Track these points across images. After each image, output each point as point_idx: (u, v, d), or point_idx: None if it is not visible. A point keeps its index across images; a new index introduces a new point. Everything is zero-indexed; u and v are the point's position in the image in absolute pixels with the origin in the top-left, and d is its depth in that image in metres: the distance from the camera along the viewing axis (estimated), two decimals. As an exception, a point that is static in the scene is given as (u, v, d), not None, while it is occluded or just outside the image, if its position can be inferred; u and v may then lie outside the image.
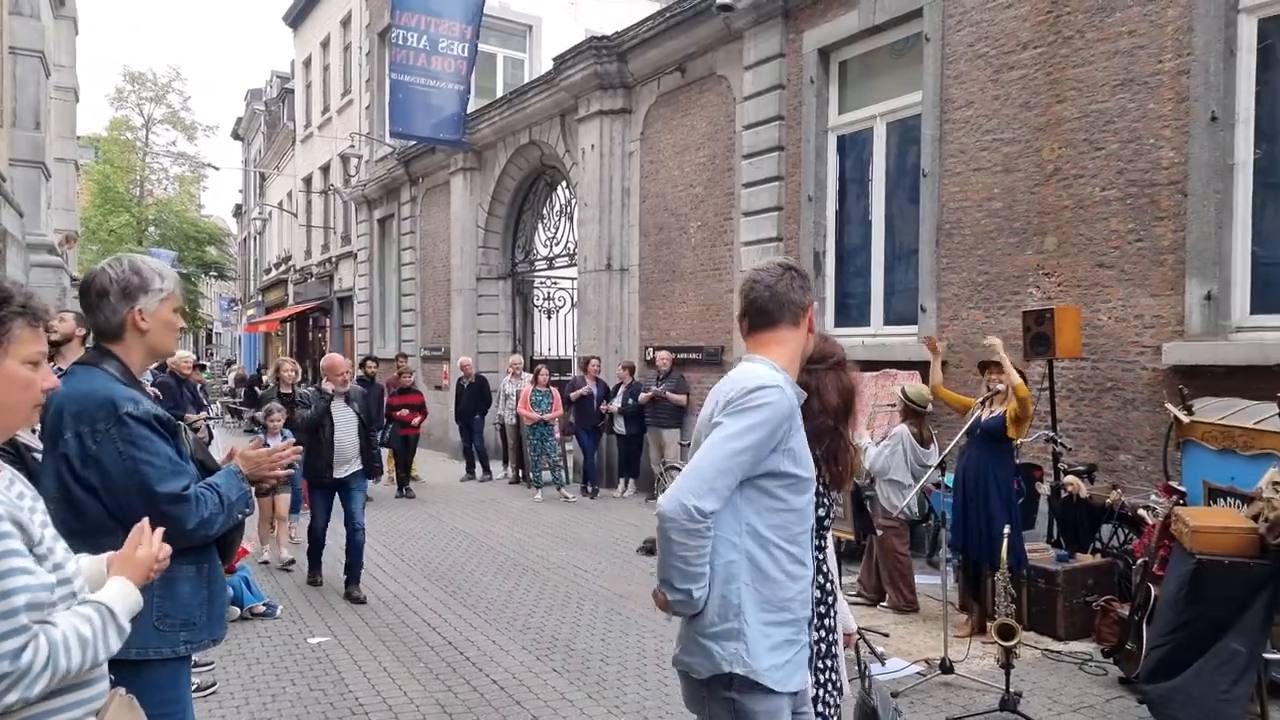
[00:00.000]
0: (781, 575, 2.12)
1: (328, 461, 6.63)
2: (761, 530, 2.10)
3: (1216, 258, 5.92)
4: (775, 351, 2.28)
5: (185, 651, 2.35)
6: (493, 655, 5.42)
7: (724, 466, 2.03)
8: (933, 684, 4.84)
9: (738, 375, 2.22)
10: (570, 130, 12.79)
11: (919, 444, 6.20)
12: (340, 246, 23.80)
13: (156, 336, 2.38)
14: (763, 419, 2.06)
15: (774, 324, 2.31)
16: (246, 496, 2.43)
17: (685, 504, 1.99)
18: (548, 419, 11.07)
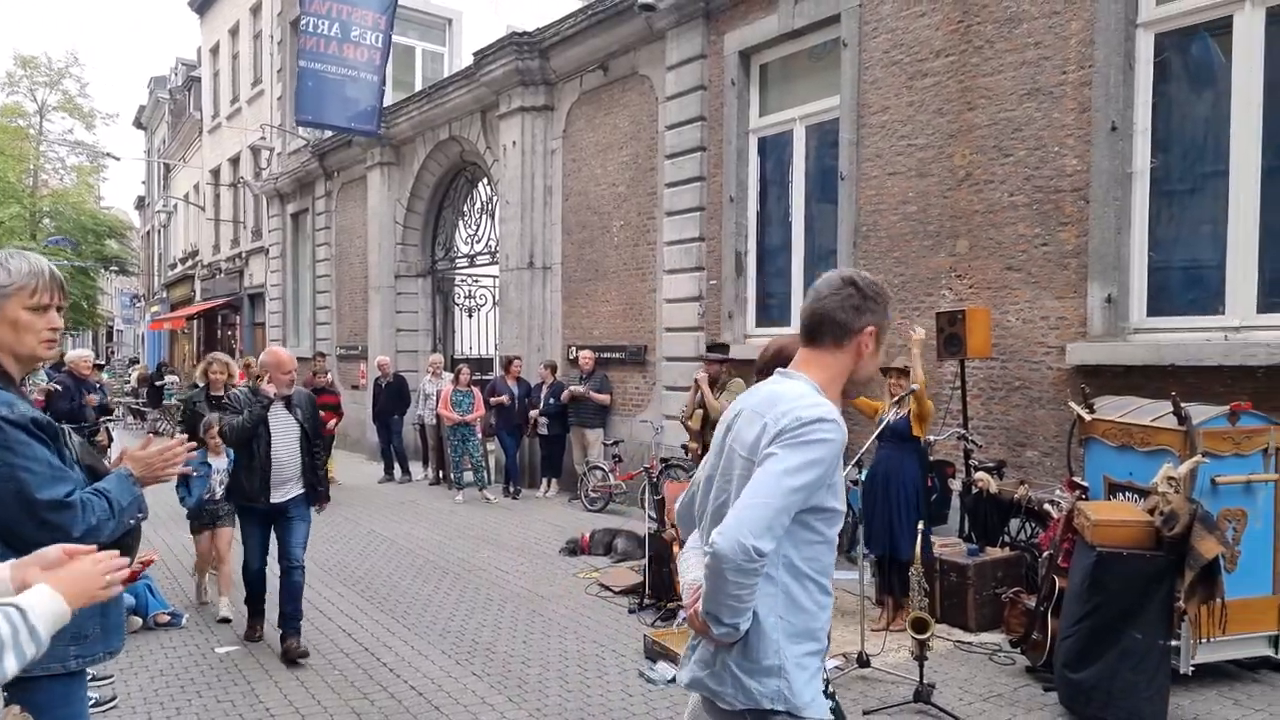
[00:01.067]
0: (813, 606, 2.03)
1: (263, 481, 5.30)
2: (797, 562, 2.00)
3: (1116, 262, 6.18)
4: (814, 372, 2.09)
5: (76, 666, 2.21)
6: (411, 661, 5.30)
7: (782, 505, 1.89)
8: (850, 677, 4.93)
9: (787, 395, 2.02)
10: (491, 126, 12.64)
11: None
12: (251, 241, 23.04)
13: (8, 338, 2.16)
14: (821, 455, 1.92)
15: (815, 341, 2.12)
16: (139, 501, 2.27)
17: (745, 543, 1.84)
18: (469, 420, 10.91)
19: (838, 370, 2.12)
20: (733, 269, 9.21)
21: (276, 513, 5.40)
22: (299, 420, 5.46)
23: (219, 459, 6.05)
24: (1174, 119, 6.17)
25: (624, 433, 10.46)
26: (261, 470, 5.29)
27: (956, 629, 5.75)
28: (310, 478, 5.47)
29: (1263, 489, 4.74)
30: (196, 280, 28.78)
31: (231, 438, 5.38)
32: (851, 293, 2.10)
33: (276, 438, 5.34)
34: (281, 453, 5.34)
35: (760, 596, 1.96)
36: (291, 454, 5.37)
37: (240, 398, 5.46)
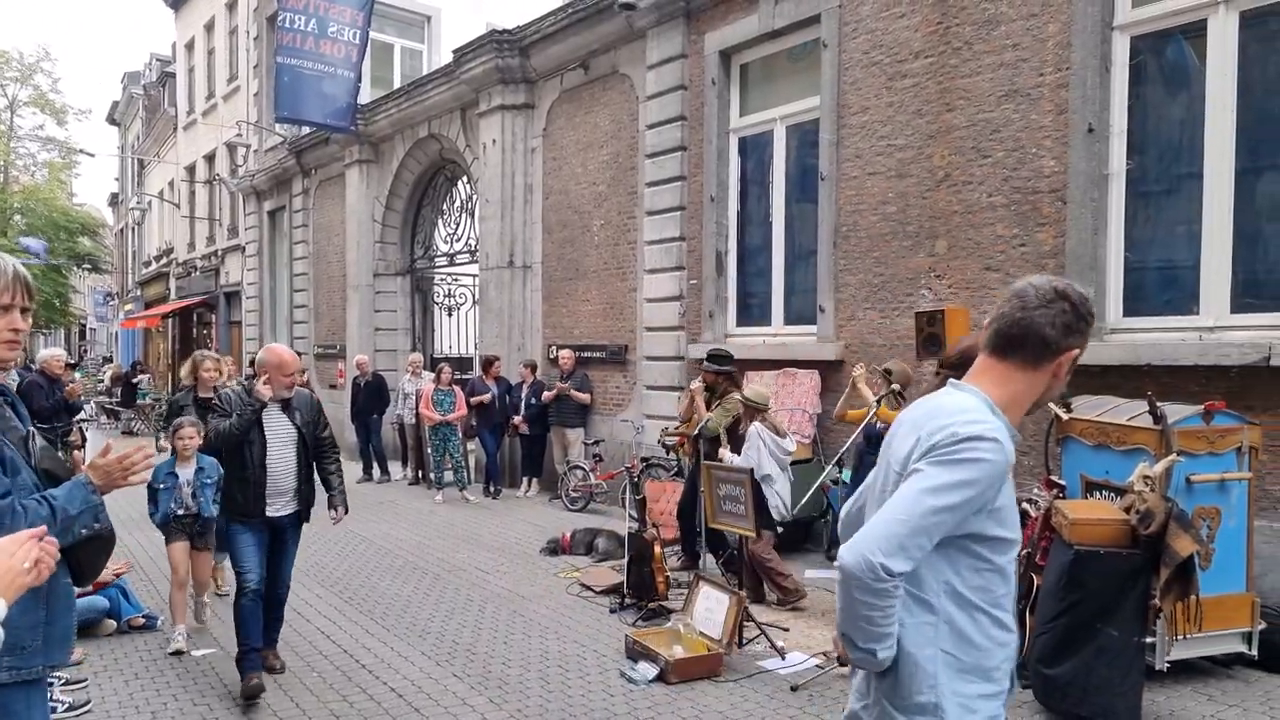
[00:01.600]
0: (986, 641, 1.83)
1: (257, 492, 4.78)
2: (962, 591, 1.82)
3: (1093, 263, 6.24)
4: (993, 387, 1.88)
5: (10, 679, 2.10)
6: (390, 662, 5.26)
7: (920, 525, 1.73)
8: (831, 676, 4.95)
9: (949, 409, 1.85)
10: (471, 124, 12.58)
11: (777, 435, 6.42)
12: (227, 239, 22.80)
13: None
14: (973, 477, 1.73)
15: (1007, 353, 1.89)
16: (95, 510, 2.18)
17: (871, 560, 1.70)
18: (450, 419, 10.84)
19: (1024, 389, 1.89)
20: (713, 268, 9.21)
21: (275, 529, 4.91)
22: (297, 426, 4.92)
23: (186, 467, 5.52)
24: (1149, 121, 6.24)
25: (604, 432, 10.45)
26: (255, 482, 4.76)
27: (936, 627, 5.78)
28: (306, 491, 4.97)
29: (1236, 487, 4.80)
30: (171, 278, 28.45)
31: (217, 443, 4.81)
32: (1065, 308, 1.87)
33: (272, 445, 4.81)
34: (276, 462, 4.82)
35: (915, 625, 1.81)
36: (287, 464, 4.87)
37: (231, 399, 4.86)
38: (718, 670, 5.03)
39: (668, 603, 6.17)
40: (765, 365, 8.46)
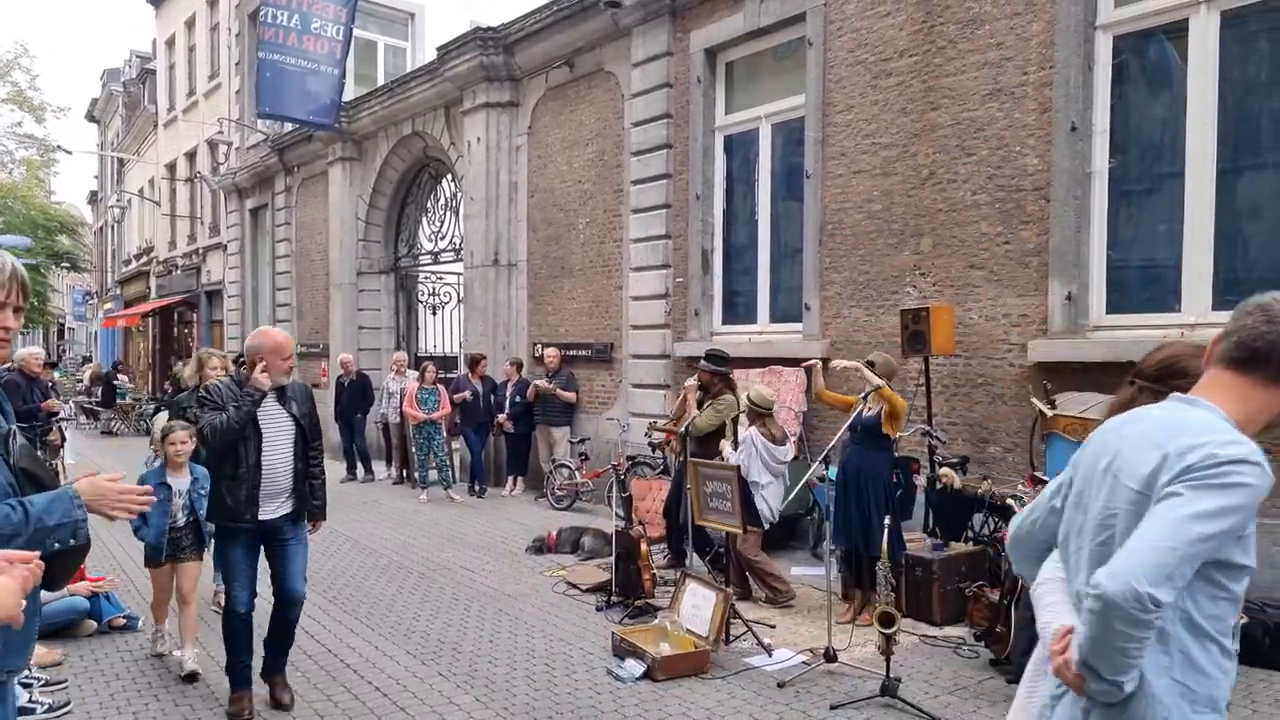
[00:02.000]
0: (1216, 671, 1.78)
1: (250, 494, 4.27)
2: (1197, 619, 1.75)
3: (1076, 260, 6.29)
4: (1229, 403, 1.80)
5: None
6: (375, 661, 5.23)
7: (1187, 553, 1.64)
8: (817, 672, 4.95)
9: (1194, 426, 1.75)
10: (455, 122, 12.53)
11: (771, 442, 6.30)
12: (208, 237, 22.61)
13: None
14: (1238, 503, 1.66)
15: (1249, 369, 1.80)
16: (76, 525, 2.10)
17: (1139, 590, 1.61)
18: (435, 418, 10.79)
19: (1262, 407, 1.80)
20: (699, 267, 9.22)
21: (268, 534, 4.40)
22: (294, 416, 4.44)
23: (180, 477, 5.03)
24: (1132, 120, 6.29)
25: (590, 431, 10.43)
26: (250, 481, 4.26)
27: (922, 623, 5.81)
28: (303, 489, 4.48)
29: (1218, 482, 4.83)
30: (152, 277, 28.19)
31: (214, 441, 4.22)
32: None
33: (268, 440, 4.33)
34: (274, 458, 4.33)
35: (1151, 654, 1.72)
36: (285, 460, 4.39)
37: (222, 390, 4.30)
38: (704, 667, 5.02)
39: (654, 600, 6.16)
40: (751, 363, 8.47)
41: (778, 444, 6.32)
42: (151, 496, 2.30)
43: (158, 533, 4.97)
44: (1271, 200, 5.66)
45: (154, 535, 4.98)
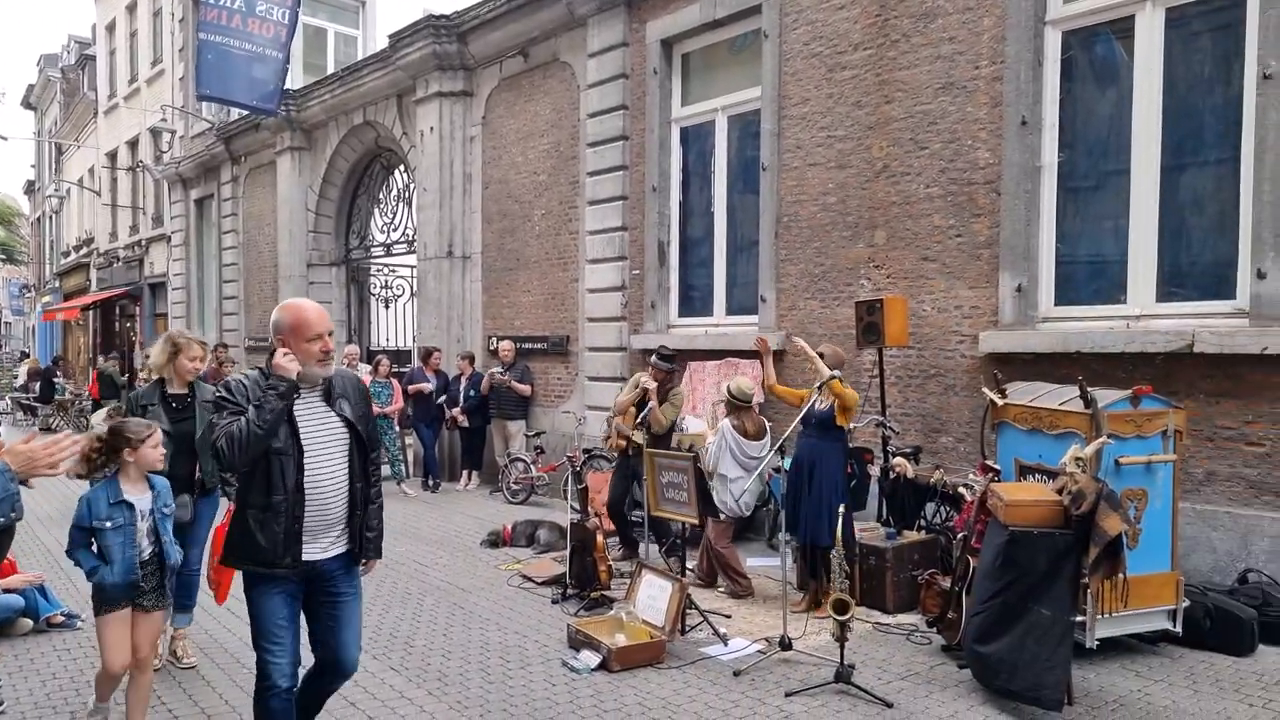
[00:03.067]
0: None
1: (289, 529, 3.15)
2: None
3: (1026, 253, 6.39)
4: None
5: None
6: (326, 657, 5.11)
7: None
8: (773, 661, 4.96)
9: None
10: (408, 112, 12.34)
11: (743, 437, 6.24)
12: (151, 228, 22.04)
13: None
14: None
15: None
16: (12, 499, 2.03)
17: None
18: (388, 412, 10.61)
19: None
20: (655, 259, 9.20)
21: (313, 581, 3.27)
22: (347, 420, 3.31)
23: (141, 493, 3.78)
24: (1079, 115, 6.40)
25: (546, 424, 10.36)
26: (289, 512, 3.14)
27: (875, 611, 5.85)
28: (361, 520, 3.33)
29: (1162, 469, 4.95)
30: (92, 269, 27.39)
31: (234, 457, 3.07)
32: None
33: (313, 454, 3.20)
34: (322, 479, 3.21)
35: None
36: (337, 480, 3.26)
37: (246, 387, 3.20)
38: (660, 657, 5.00)
39: (610, 592, 6.13)
40: (707, 355, 8.48)
41: (750, 438, 6.25)
42: (77, 438, 2.20)
43: (127, 568, 3.71)
44: (1213, 195, 5.81)
45: (122, 572, 3.71)
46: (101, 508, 3.70)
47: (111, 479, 3.78)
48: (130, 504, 3.75)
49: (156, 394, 4.80)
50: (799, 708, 4.37)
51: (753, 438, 6.26)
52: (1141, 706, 4.35)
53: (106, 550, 3.70)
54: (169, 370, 4.83)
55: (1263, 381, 5.34)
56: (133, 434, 3.78)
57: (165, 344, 4.86)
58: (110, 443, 3.77)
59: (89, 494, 3.77)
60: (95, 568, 3.71)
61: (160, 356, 4.81)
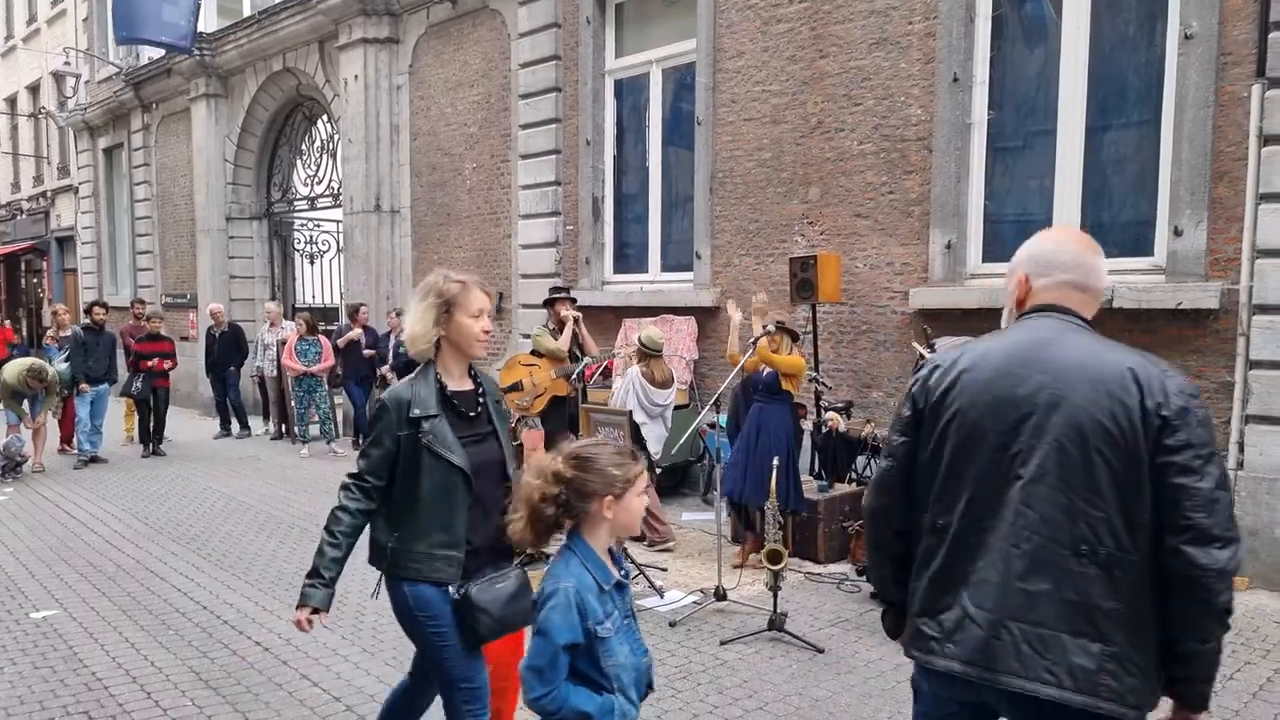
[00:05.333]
0: None
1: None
2: None
3: (956, 211, 6.49)
4: None
5: None
6: (255, 617, 5.01)
7: None
8: (708, 611, 5.04)
9: None
10: (330, 59, 11.87)
11: (650, 384, 6.41)
12: (57, 179, 20.91)
13: None
14: None
15: None
16: None
17: None
18: (314, 371, 10.33)
19: None
20: (590, 214, 9.09)
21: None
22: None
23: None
24: (1009, 74, 6.49)
25: (478, 381, 10.22)
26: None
27: (808, 561, 5.98)
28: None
29: (1081, 420, 5.12)
30: (-7, 222, 25.91)
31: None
32: None
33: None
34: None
35: None
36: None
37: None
38: (598, 610, 5.02)
39: (547, 549, 6.11)
40: (643, 312, 8.45)
41: (657, 386, 6.42)
42: None
43: (640, 688, 2.32)
44: (1135, 155, 5.96)
45: (638, 697, 2.30)
46: (591, 600, 2.09)
47: (580, 543, 2.17)
48: (623, 584, 2.25)
49: (434, 395, 2.70)
50: (733, 655, 4.45)
51: (659, 386, 6.45)
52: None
53: (615, 671, 2.12)
54: (445, 342, 2.75)
55: (1176, 335, 5.55)
56: (615, 471, 2.15)
57: (430, 295, 2.72)
58: (575, 485, 2.14)
59: (565, 585, 2.08)
60: (610, 709, 2.09)
61: (426, 318, 2.69)
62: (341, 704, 3.92)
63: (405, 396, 2.69)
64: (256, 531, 6.93)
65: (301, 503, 7.93)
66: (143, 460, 10.16)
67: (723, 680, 4.16)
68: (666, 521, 6.50)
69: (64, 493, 8.41)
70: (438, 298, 2.71)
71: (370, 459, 2.74)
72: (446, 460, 2.66)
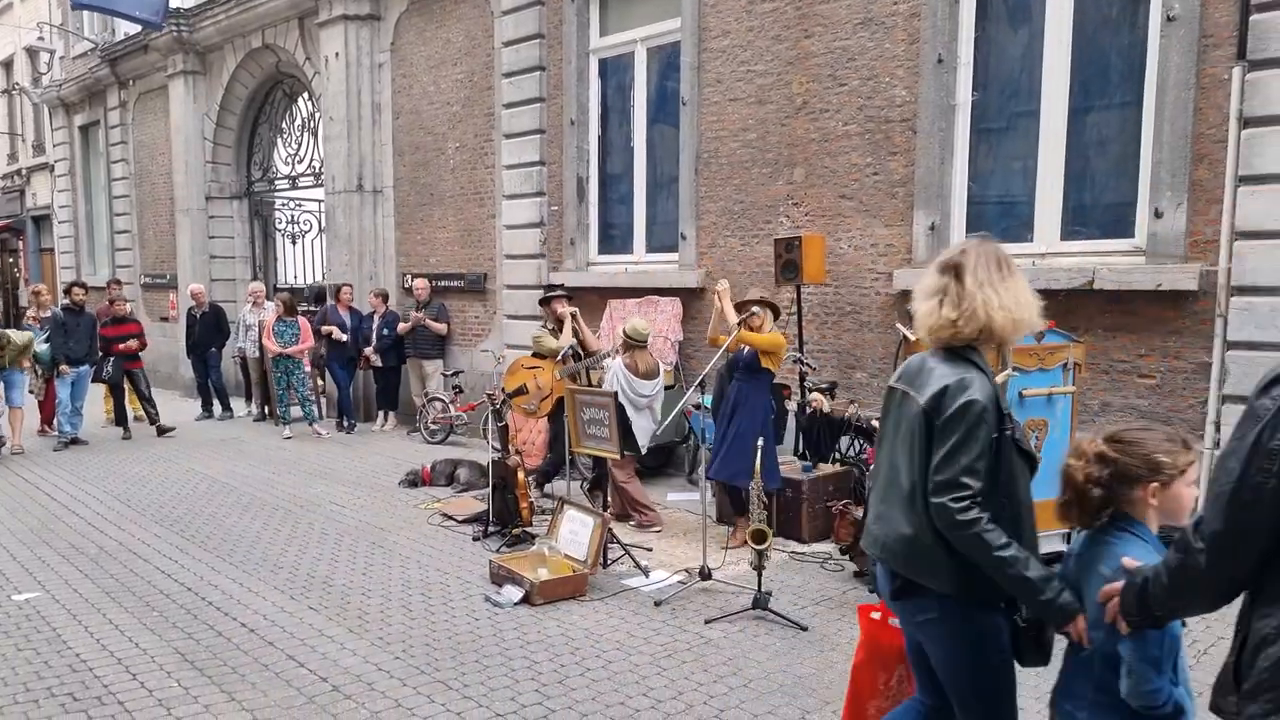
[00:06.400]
0: None
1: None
2: None
3: (940, 191, 6.51)
4: None
5: None
6: (240, 598, 5.01)
7: None
8: (693, 590, 5.08)
9: None
10: (311, 35, 11.71)
11: (634, 375, 6.34)
12: (33, 157, 20.60)
13: None
14: None
15: None
16: None
17: None
18: (292, 352, 10.24)
19: None
20: (574, 195, 9.05)
21: None
22: None
23: None
24: (993, 55, 6.49)
25: (464, 363, 10.21)
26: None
27: (791, 541, 6.03)
28: None
29: (1062, 400, 5.18)
30: (-33, 201, 25.51)
31: None
32: None
33: None
34: None
35: None
36: None
37: None
38: (583, 590, 5.06)
39: (532, 529, 6.15)
40: (628, 293, 8.45)
41: (640, 377, 6.34)
42: None
43: None
44: (1117, 137, 5.99)
45: None
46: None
47: (1138, 526, 2.12)
48: None
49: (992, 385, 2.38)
50: (718, 634, 4.49)
51: (643, 376, 6.37)
52: (1038, 622, 4.61)
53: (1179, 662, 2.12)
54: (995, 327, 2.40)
55: (1156, 316, 5.61)
56: (1163, 458, 2.07)
57: (1008, 265, 2.44)
58: (1119, 468, 2.08)
59: None
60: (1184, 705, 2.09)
61: (1024, 294, 2.40)
62: (328, 684, 3.93)
63: (991, 391, 2.29)
64: (240, 513, 6.91)
65: (285, 484, 7.91)
66: (123, 442, 10.08)
67: (708, 658, 4.20)
68: (653, 507, 6.52)
69: (44, 475, 8.36)
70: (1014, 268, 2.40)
71: (975, 470, 2.23)
72: (1028, 455, 2.33)
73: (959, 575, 2.29)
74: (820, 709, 3.70)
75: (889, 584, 2.49)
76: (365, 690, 3.88)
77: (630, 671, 4.06)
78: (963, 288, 2.32)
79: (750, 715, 3.65)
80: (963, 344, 2.35)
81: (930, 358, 2.44)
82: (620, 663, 4.16)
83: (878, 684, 3.02)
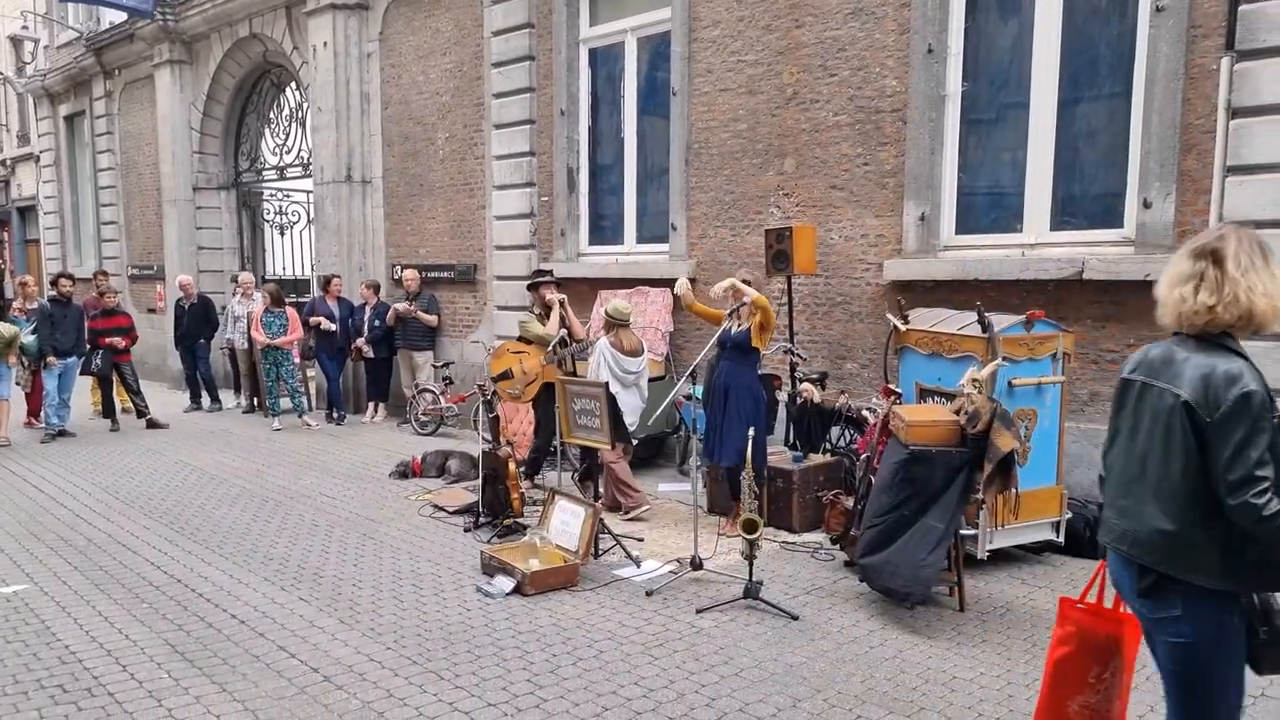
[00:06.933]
0: None
1: None
2: None
3: (930, 182, 6.52)
4: None
5: None
6: (230, 590, 4.99)
7: None
8: (684, 580, 5.09)
9: None
10: (298, 24, 11.63)
11: (620, 353, 6.46)
12: (17, 147, 20.41)
13: None
14: None
15: None
16: None
17: None
18: (279, 343, 10.18)
19: None
20: (565, 185, 9.03)
21: None
22: None
23: None
24: (983, 45, 6.49)
25: (455, 354, 10.19)
26: None
27: (783, 530, 6.05)
28: None
29: (1051, 390, 5.21)
30: (-49, 191, 25.26)
31: None
32: None
33: None
34: None
35: None
36: None
37: None
38: (574, 580, 5.07)
39: (523, 520, 6.15)
40: (618, 284, 8.43)
41: (626, 354, 6.47)
42: None
43: None
44: (1106, 127, 6.00)
45: None
46: None
47: None
48: None
49: None
50: (709, 623, 4.50)
51: (628, 354, 6.49)
52: (1026, 610, 4.65)
53: None
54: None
55: (1145, 307, 5.58)
56: None
57: None
58: None
59: None
60: None
61: None
62: (319, 675, 3.93)
63: (1260, 376, 2.26)
64: (230, 505, 6.89)
65: (275, 476, 7.89)
66: (111, 434, 10.03)
67: (699, 647, 4.21)
68: (639, 489, 6.54)
69: (32, 467, 8.31)
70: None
71: (1266, 461, 2.20)
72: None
73: (1227, 570, 2.27)
74: (811, 697, 3.72)
75: (1135, 579, 2.42)
76: (357, 680, 3.88)
77: (622, 661, 4.07)
78: (1223, 273, 2.27)
79: (741, 703, 3.67)
80: (1219, 330, 2.30)
81: (1178, 347, 2.38)
82: (612, 652, 4.17)
83: (1087, 677, 2.89)
